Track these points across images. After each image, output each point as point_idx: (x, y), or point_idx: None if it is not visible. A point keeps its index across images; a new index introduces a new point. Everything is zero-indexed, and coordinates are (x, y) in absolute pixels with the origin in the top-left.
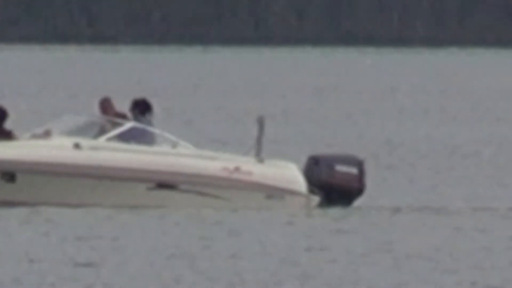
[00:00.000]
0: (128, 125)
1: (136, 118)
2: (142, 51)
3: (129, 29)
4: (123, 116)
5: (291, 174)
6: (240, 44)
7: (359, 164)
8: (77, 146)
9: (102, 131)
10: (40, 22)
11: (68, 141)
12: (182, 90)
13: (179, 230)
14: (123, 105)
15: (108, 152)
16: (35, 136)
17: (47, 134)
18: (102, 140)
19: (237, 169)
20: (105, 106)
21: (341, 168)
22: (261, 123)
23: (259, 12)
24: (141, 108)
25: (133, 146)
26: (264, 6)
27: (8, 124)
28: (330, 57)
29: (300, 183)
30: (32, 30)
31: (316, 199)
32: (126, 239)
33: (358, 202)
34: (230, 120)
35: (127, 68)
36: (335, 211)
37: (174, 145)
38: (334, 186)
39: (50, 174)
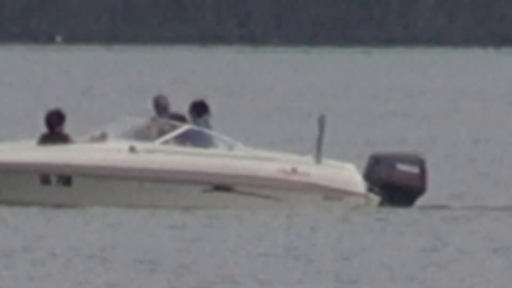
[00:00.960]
0: (185, 127)
1: (193, 120)
2: (291, 52)
3: (278, 30)
4: (180, 118)
5: (348, 175)
6: (390, 45)
7: (421, 163)
8: (132, 149)
9: (159, 134)
10: (189, 23)
11: (124, 145)
12: (326, 91)
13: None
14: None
15: (164, 155)
16: (91, 139)
17: (103, 137)
18: (157, 143)
19: (294, 170)
20: (160, 104)
21: (402, 167)
22: (322, 122)
23: (409, 13)
24: (198, 109)
25: (189, 149)
26: (414, 8)
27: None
28: (478, 58)
29: (358, 183)
30: (181, 31)
31: (377, 199)
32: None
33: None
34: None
35: (275, 68)
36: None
37: (231, 146)
38: (395, 185)
39: (105, 178)
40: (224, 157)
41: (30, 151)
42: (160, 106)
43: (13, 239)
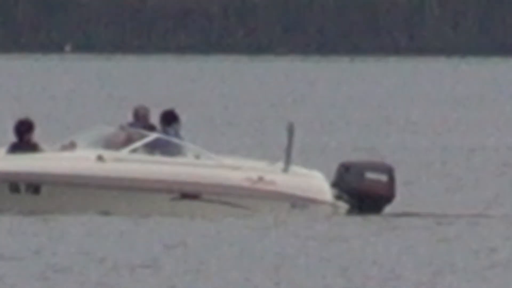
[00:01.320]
0: (152, 136)
1: (163, 129)
2: (298, 61)
3: (285, 39)
4: (151, 127)
5: (316, 183)
6: (394, 54)
7: (389, 171)
8: (100, 158)
9: (127, 142)
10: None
11: (92, 153)
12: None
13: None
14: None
15: (131, 163)
16: (61, 148)
17: (72, 145)
18: (125, 151)
19: (260, 178)
20: (139, 113)
21: (371, 175)
22: (290, 131)
23: (414, 23)
24: (169, 118)
25: (157, 157)
26: (419, 17)
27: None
28: (484, 67)
29: (325, 191)
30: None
31: (345, 206)
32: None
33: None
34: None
35: (282, 77)
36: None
37: (198, 155)
38: (363, 193)
39: (73, 186)
40: (191, 165)
41: None
42: (139, 116)
43: None
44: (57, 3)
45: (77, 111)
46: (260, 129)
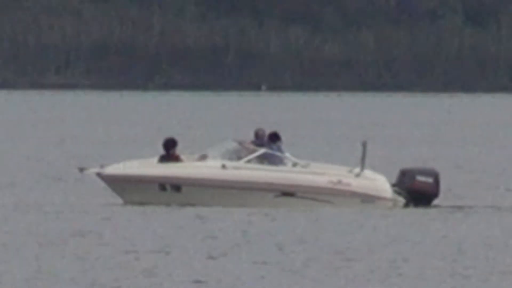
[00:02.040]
0: (262, 151)
1: (269, 146)
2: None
3: (418, 77)
4: (261, 145)
5: (380, 184)
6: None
7: (435, 175)
8: (223, 166)
9: (245, 155)
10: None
11: (217, 163)
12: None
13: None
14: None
15: (246, 170)
16: (196, 159)
17: (203, 157)
18: (242, 162)
19: (339, 181)
20: (259, 134)
21: (421, 178)
22: (364, 146)
23: None
24: (273, 138)
25: (264, 166)
26: None
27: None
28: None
29: (386, 190)
30: None
31: (403, 201)
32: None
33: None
34: None
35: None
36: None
37: (295, 164)
38: (416, 191)
39: (204, 186)
40: (289, 172)
41: (152, 167)
42: (258, 135)
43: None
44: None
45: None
46: (345, 147)
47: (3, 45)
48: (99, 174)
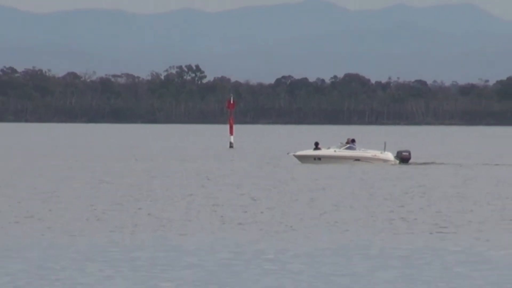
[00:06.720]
0: (347, 145)
1: (351, 144)
2: None
3: None
4: (353, 142)
5: (390, 156)
6: None
7: (409, 152)
8: (335, 151)
9: (342, 147)
10: None
11: (332, 150)
12: None
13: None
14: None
15: (343, 152)
16: (326, 148)
17: (318, 148)
18: (342, 149)
19: (375, 155)
20: (349, 140)
21: (404, 153)
22: (385, 144)
23: None
24: (352, 140)
25: (348, 150)
26: None
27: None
28: None
29: (391, 158)
30: None
31: (397, 162)
32: None
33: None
34: None
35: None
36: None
37: (362, 150)
38: (402, 158)
39: (329, 158)
40: (357, 152)
41: (311, 151)
42: (348, 141)
43: None
44: None
45: None
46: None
47: None
48: (294, 155)
